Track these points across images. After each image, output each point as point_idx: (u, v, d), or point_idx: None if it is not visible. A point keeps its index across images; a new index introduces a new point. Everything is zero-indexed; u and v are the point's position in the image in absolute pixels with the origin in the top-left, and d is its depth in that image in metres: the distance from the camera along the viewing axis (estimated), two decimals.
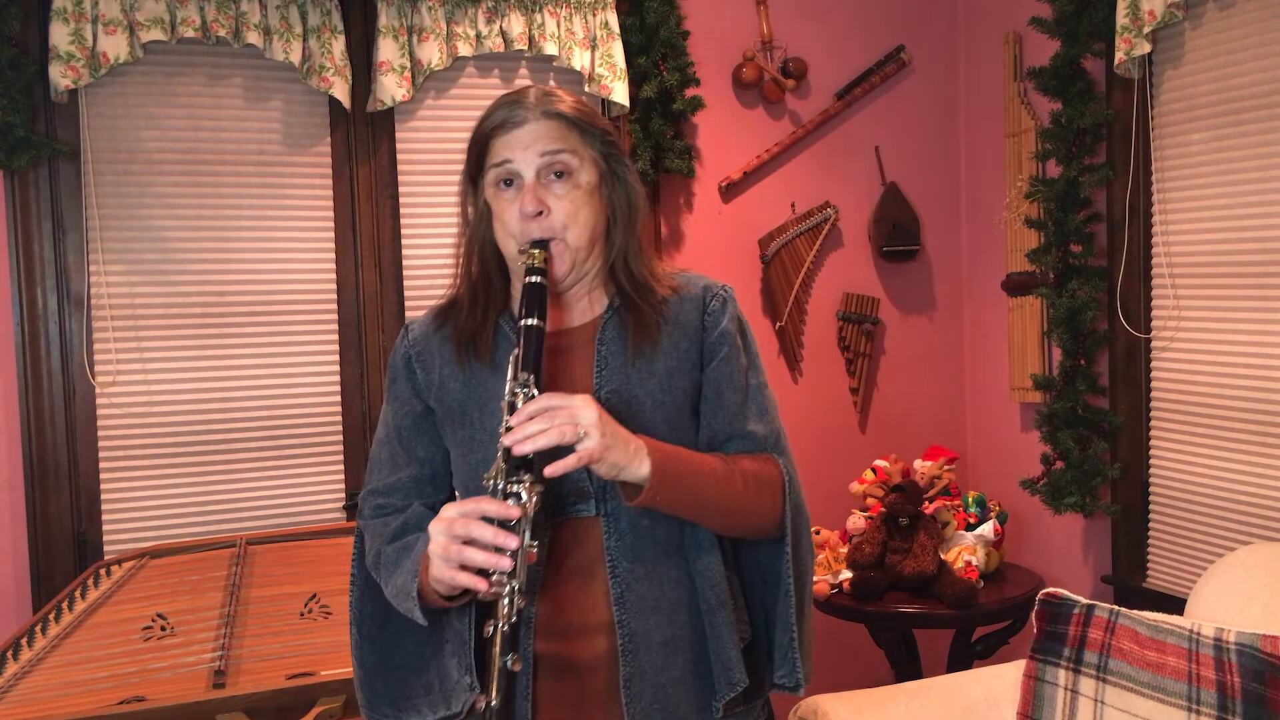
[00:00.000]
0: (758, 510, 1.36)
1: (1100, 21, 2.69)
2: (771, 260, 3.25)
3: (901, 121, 3.40)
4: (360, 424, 2.92)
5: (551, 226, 1.34)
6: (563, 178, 1.35)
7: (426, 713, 1.39)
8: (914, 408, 3.46)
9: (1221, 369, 2.56)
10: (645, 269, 1.42)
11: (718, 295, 1.43)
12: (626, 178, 1.41)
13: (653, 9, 2.98)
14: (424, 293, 2.96)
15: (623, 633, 1.33)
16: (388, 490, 1.44)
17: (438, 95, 2.96)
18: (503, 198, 1.37)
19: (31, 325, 2.64)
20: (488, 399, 1.36)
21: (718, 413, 1.40)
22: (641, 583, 1.34)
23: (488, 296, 1.42)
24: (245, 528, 2.80)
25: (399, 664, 1.42)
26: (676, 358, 1.38)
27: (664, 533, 1.36)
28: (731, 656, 1.35)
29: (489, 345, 1.39)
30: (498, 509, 1.20)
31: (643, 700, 1.33)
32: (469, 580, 1.20)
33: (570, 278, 1.38)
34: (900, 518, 2.77)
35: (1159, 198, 2.70)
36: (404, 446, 1.44)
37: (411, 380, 1.44)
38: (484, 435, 1.36)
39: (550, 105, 1.35)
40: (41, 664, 1.84)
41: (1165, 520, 2.75)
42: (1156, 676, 1.91)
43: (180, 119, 2.76)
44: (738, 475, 1.35)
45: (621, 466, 1.25)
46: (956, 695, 2.21)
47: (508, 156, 1.35)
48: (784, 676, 1.38)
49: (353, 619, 1.44)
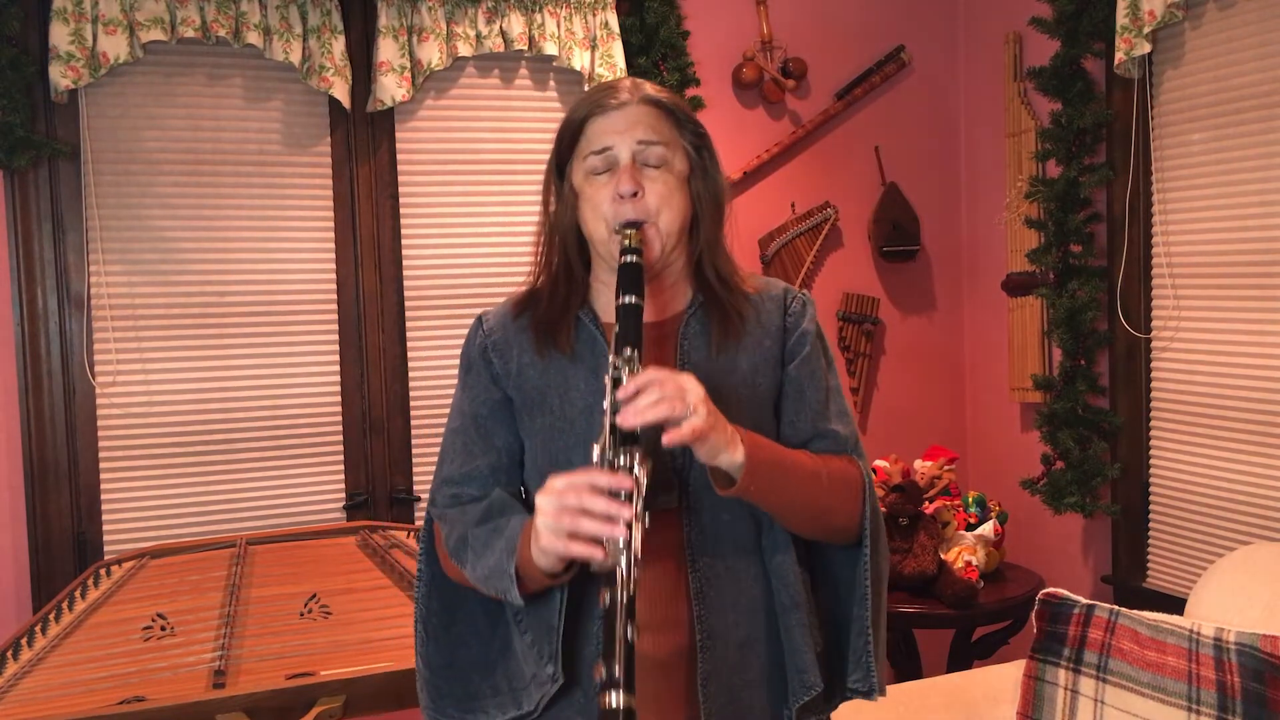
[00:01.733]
0: (840, 510, 1.35)
1: (1100, 21, 2.69)
2: (771, 260, 3.25)
3: (901, 121, 3.40)
4: (360, 424, 2.92)
5: (646, 209, 1.34)
6: (657, 165, 1.35)
7: (495, 714, 1.37)
8: (914, 408, 3.46)
9: (1221, 369, 2.56)
10: (729, 266, 1.42)
11: (798, 298, 1.44)
12: (714, 172, 1.42)
13: (653, 9, 2.98)
14: (424, 293, 2.97)
15: (701, 629, 1.32)
16: (464, 479, 1.41)
17: (438, 95, 2.96)
18: (596, 181, 1.36)
19: (31, 325, 2.64)
20: (567, 388, 1.36)
21: (801, 411, 1.40)
22: (720, 579, 1.34)
23: (569, 287, 1.41)
24: (245, 528, 2.80)
25: (464, 664, 1.41)
26: (759, 354, 1.38)
27: (743, 529, 1.36)
28: (806, 659, 1.34)
29: (569, 337, 1.38)
30: (610, 479, 1.17)
31: (719, 700, 1.32)
32: (584, 549, 1.17)
33: (659, 264, 1.38)
34: (900, 518, 2.76)
35: (1159, 198, 2.70)
36: (481, 435, 1.41)
37: (489, 368, 1.42)
38: (564, 424, 1.35)
39: (647, 92, 1.37)
40: (41, 664, 1.84)
41: (1165, 520, 2.75)
42: (1156, 676, 1.91)
43: (180, 119, 2.76)
44: (824, 473, 1.34)
45: (720, 449, 1.23)
46: (956, 695, 2.21)
47: (605, 141, 1.35)
48: (858, 681, 1.36)
49: (418, 616, 1.42)
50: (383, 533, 2.57)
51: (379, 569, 2.30)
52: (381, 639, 1.88)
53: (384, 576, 2.24)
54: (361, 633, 1.92)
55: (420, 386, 2.97)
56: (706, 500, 1.33)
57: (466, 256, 3.00)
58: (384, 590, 2.15)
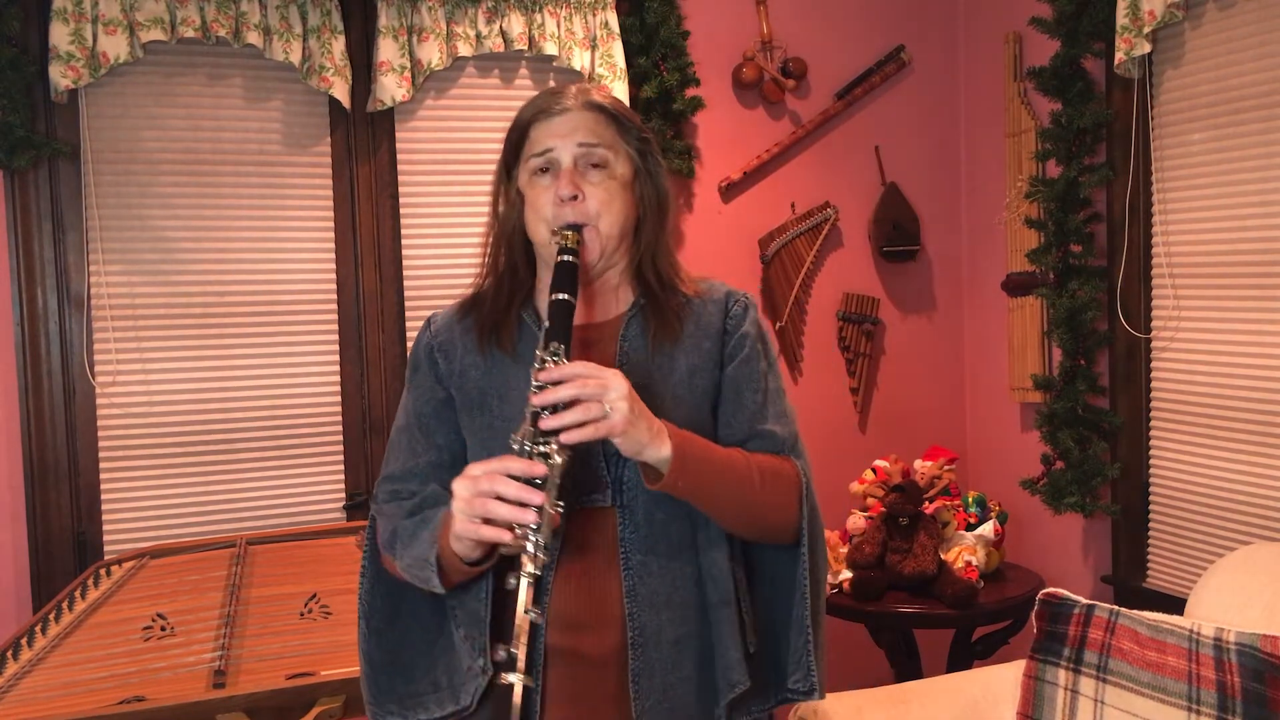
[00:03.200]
0: (775, 508, 1.37)
1: (1100, 21, 2.69)
2: (771, 260, 3.25)
3: (901, 121, 3.40)
4: (360, 424, 2.92)
5: (585, 212, 1.36)
6: (599, 168, 1.37)
7: (434, 709, 1.39)
8: (914, 408, 3.46)
9: (1221, 369, 2.56)
10: (671, 268, 1.44)
11: (740, 300, 1.45)
12: (659, 177, 1.44)
13: (653, 9, 2.98)
14: (424, 293, 2.97)
15: (633, 627, 1.33)
16: (404, 476, 1.44)
17: (438, 95, 2.96)
18: (538, 184, 1.39)
19: (31, 325, 2.64)
20: (508, 388, 1.38)
21: (737, 412, 1.41)
22: (654, 577, 1.35)
23: (512, 287, 1.44)
24: (245, 528, 2.80)
25: (406, 660, 1.42)
26: (698, 356, 1.40)
27: (678, 528, 1.37)
28: (732, 656, 1.34)
29: (511, 335, 1.41)
30: (523, 466, 1.21)
31: (651, 698, 1.33)
32: (492, 533, 1.20)
33: (599, 265, 1.40)
34: (900, 518, 2.76)
35: (1159, 198, 2.70)
36: (424, 433, 1.44)
37: (434, 369, 1.45)
38: (502, 423, 1.36)
39: (590, 97, 1.39)
40: (41, 664, 1.84)
41: (1165, 520, 2.75)
42: (1156, 676, 1.91)
43: (180, 119, 2.76)
44: (755, 470, 1.35)
45: (644, 445, 1.25)
46: (956, 695, 2.21)
47: (547, 144, 1.37)
48: (798, 681, 1.37)
49: (361, 612, 1.44)
50: None
51: None
52: None
53: None
54: None
55: None
56: (641, 498, 1.34)
57: (466, 256, 2.99)
58: None
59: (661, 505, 1.34)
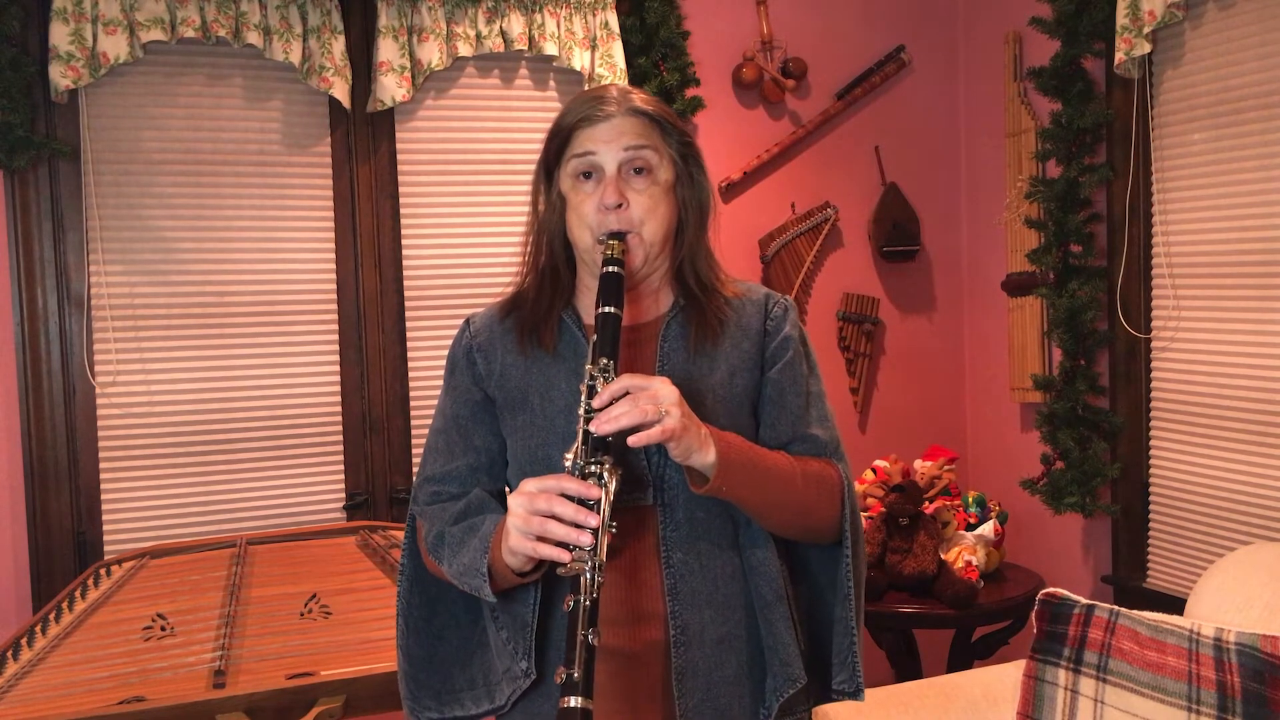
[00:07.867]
0: (817, 511, 1.37)
1: (1100, 21, 2.69)
2: (771, 260, 3.25)
3: (901, 121, 3.40)
4: (360, 424, 2.92)
5: (629, 220, 1.36)
6: (642, 174, 1.37)
7: (470, 706, 1.41)
8: (914, 408, 3.46)
9: (1221, 369, 2.56)
10: (711, 271, 1.45)
11: (779, 302, 1.46)
12: (701, 180, 1.45)
13: (653, 9, 2.98)
14: (424, 293, 2.97)
15: (675, 625, 1.34)
16: (444, 478, 1.44)
17: (438, 95, 2.96)
18: (581, 190, 1.38)
19: (31, 325, 2.64)
20: (548, 386, 1.38)
21: (780, 415, 1.42)
22: (695, 575, 1.35)
23: (554, 288, 1.44)
24: (245, 528, 2.80)
25: (443, 657, 1.44)
26: (738, 357, 1.41)
27: (719, 526, 1.37)
28: (790, 651, 1.35)
29: (552, 335, 1.41)
30: (578, 487, 1.21)
31: (695, 696, 1.33)
32: (550, 552, 1.21)
33: (642, 271, 1.40)
34: (900, 518, 2.76)
35: (1159, 198, 2.70)
36: (462, 435, 1.45)
37: (472, 369, 1.45)
38: (543, 421, 1.37)
39: (633, 103, 1.39)
40: (41, 664, 1.84)
41: (1165, 520, 2.75)
42: (1156, 676, 1.91)
43: (180, 119, 2.76)
44: (799, 474, 1.36)
45: (693, 449, 1.26)
46: (956, 695, 2.21)
47: (591, 149, 1.37)
48: (844, 682, 1.38)
49: (400, 610, 1.45)
50: (382, 533, 2.57)
51: (379, 569, 2.30)
52: (381, 639, 1.88)
53: (384, 576, 2.24)
54: (361, 633, 1.92)
55: (420, 386, 2.97)
56: (681, 497, 1.35)
57: (466, 256, 3.00)
58: (384, 590, 2.15)
59: (702, 504, 1.35)
